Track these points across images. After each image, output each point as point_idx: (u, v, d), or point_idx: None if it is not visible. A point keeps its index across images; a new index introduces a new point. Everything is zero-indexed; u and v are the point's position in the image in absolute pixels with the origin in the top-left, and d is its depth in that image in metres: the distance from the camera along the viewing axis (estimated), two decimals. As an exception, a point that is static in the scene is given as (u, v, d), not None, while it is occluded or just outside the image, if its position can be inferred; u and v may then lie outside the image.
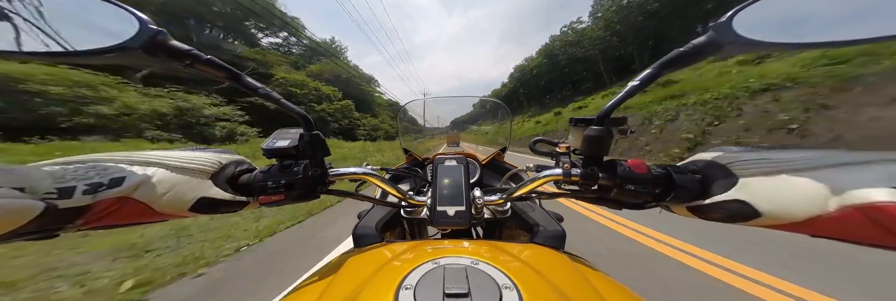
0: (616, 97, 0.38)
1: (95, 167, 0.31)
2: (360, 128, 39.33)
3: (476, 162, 1.02)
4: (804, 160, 0.29)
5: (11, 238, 0.26)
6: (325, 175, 0.48)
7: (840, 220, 0.25)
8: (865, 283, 1.81)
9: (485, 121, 20.20)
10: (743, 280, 1.87)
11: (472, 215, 0.53)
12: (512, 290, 0.29)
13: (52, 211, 0.26)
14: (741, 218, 0.32)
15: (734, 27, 0.30)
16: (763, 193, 0.30)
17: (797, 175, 0.28)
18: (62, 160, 0.31)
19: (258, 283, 2.03)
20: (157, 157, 0.36)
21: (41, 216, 0.25)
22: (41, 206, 0.25)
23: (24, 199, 0.24)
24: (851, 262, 2.01)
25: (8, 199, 0.23)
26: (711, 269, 2.02)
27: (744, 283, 1.85)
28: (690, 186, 0.37)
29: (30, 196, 0.25)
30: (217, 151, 0.43)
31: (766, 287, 1.79)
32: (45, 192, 0.26)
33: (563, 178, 0.45)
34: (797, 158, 0.29)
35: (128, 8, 0.32)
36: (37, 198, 0.25)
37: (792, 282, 1.82)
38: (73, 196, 0.28)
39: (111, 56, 0.31)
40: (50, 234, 0.29)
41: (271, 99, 0.41)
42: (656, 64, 0.36)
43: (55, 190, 0.27)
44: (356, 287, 0.32)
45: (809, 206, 0.27)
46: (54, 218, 0.27)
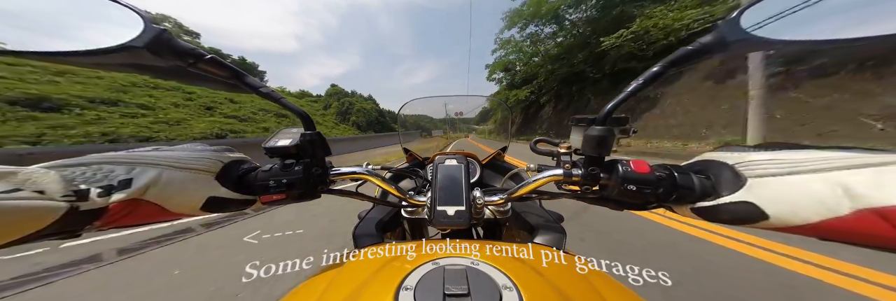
0: (618, 96, 0.37)
1: (102, 169, 0.31)
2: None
3: (476, 162, 1.02)
4: (818, 161, 0.27)
5: (37, 238, 0.26)
6: (326, 174, 0.48)
7: (854, 224, 0.24)
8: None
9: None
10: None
11: (473, 215, 0.53)
12: (512, 291, 0.28)
13: (73, 213, 0.27)
14: (747, 220, 0.31)
15: (742, 25, 0.30)
16: (772, 195, 0.29)
17: (810, 177, 0.27)
18: (68, 161, 0.31)
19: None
20: (159, 158, 0.36)
21: (63, 217, 0.26)
22: (64, 207, 0.26)
23: (46, 202, 0.25)
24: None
25: (32, 200, 0.24)
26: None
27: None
28: (694, 187, 0.36)
29: (49, 198, 0.25)
30: (218, 150, 0.43)
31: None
32: (64, 195, 0.26)
33: (563, 179, 0.44)
34: (810, 159, 0.28)
35: (132, 6, 0.32)
36: (57, 200, 0.26)
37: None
38: (89, 198, 0.28)
39: (115, 56, 0.31)
40: (72, 234, 0.29)
41: (272, 98, 0.41)
42: (662, 62, 0.35)
43: (72, 192, 0.27)
44: (356, 287, 0.32)
45: (821, 209, 0.26)
46: (75, 219, 0.27)
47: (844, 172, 0.25)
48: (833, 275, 1.75)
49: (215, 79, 0.38)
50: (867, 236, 0.25)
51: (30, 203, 0.23)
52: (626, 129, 0.48)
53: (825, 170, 0.26)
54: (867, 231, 0.24)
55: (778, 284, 1.72)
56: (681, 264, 1.96)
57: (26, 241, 0.25)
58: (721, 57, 0.33)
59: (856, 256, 1.82)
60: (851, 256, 1.83)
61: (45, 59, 0.31)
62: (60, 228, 0.27)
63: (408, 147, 1.12)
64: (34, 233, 0.25)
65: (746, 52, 0.32)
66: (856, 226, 0.24)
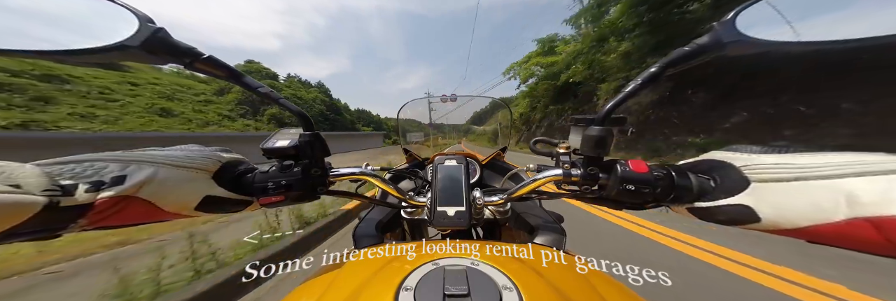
0: (617, 97, 0.38)
1: (94, 166, 0.31)
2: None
3: (476, 162, 1.02)
4: (826, 167, 0.26)
5: (11, 237, 0.25)
6: (325, 175, 0.47)
7: (845, 231, 0.24)
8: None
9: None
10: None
11: (472, 216, 0.53)
12: (512, 291, 0.28)
13: (53, 208, 0.25)
14: (740, 222, 0.31)
15: (738, 26, 0.30)
16: (771, 200, 0.28)
17: (815, 182, 0.26)
18: (59, 159, 0.31)
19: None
20: (156, 157, 0.35)
21: (41, 213, 0.24)
22: (42, 201, 0.24)
23: (21, 195, 0.23)
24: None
25: (4, 194, 0.22)
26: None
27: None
28: (692, 188, 0.36)
29: (25, 192, 0.24)
30: (216, 150, 0.43)
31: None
32: (44, 189, 0.25)
33: (563, 179, 0.44)
34: (819, 164, 0.27)
35: (127, 5, 0.31)
36: (35, 194, 0.24)
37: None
38: (75, 194, 0.27)
39: (111, 55, 0.31)
40: (52, 234, 0.28)
41: (271, 98, 0.40)
42: (660, 63, 0.36)
43: (57, 187, 0.26)
44: (356, 288, 0.32)
45: (816, 215, 0.25)
46: (56, 216, 0.26)
47: (852, 180, 0.24)
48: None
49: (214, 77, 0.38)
50: (856, 242, 0.24)
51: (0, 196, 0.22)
52: (624, 129, 0.48)
53: (833, 176, 0.25)
54: (857, 238, 0.24)
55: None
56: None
57: (1, 239, 0.24)
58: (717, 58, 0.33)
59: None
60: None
61: (38, 58, 0.30)
62: (39, 226, 0.25)
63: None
64: (8, 230, 0.23)
65: (742, 53, 0.32)
66: (846, 233, 0.24)
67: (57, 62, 0.33)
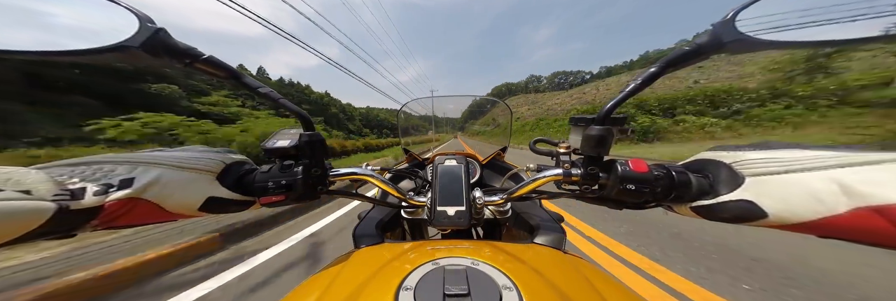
0: (617, 96, 0.38)
1: (102, 168, 0.31)
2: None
3: (476, 162, 1.02)
4: (814, 159, 0.27)
5: (29, 239, 0.26)
6: (325, 175, 0.47)
7: (852, 221, 0.24)
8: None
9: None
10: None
11: (473, 215, 0.53)
12: (512, 291, 0.28)
13: (64, 212, 0.26)
14: (747, 218, 0.31)
15: (737, 25, 0.30)
16: (770, 193, 0.29)
17: (807, 175, 0.27)
18: (66, 162, 0.31)
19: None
20: (162, 158, 0.35)
21: (54, 218, 0.25)
22: (53, 207, 0.25)
23: (34, 202, 0.24)
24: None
25: (15, 201, 0.23)
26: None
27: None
28: (692, 186, 0.36)
29: (37, 198, 0.25)
30: (220, 151, 0.43)
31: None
32: (54, 194, 0.26)
33: (563, 178, 0.44)
34: (805, 158, 0.28)
35: (127, 5, 0.31)
36: (46, 200, 0.25)
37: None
38: (84, 197, 0.28)
39: (111, 55, 0.31)
40: (66, 234, 0.29)
41: (271, 98, 0.40)
42: (660, 63, 0.36)
43: (66, 191, 0.27)
44: (356, 288, 0.32)
45: (819, 207, 0.26)
46: (68, 219, 0.27)
47: (839, 170, 0.26)
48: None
49: (214, 78, 0.38)
50: (866, 234, 0.25)
51: (11, 204, 0.23)
52: (624, 128, 0.48)
53: (820, 168, 0.27)
54: (865, 229, 0.24)
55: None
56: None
57: (17, 242, 0.25)
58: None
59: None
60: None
61: (36, 58, 0.30)
62: (53, 228, 0.26)
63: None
64: (24, 234, 0.24)
65: (742, 53, 0.32)
66: (854, 223, 0.24)
67: (56, 62, 0.33)
